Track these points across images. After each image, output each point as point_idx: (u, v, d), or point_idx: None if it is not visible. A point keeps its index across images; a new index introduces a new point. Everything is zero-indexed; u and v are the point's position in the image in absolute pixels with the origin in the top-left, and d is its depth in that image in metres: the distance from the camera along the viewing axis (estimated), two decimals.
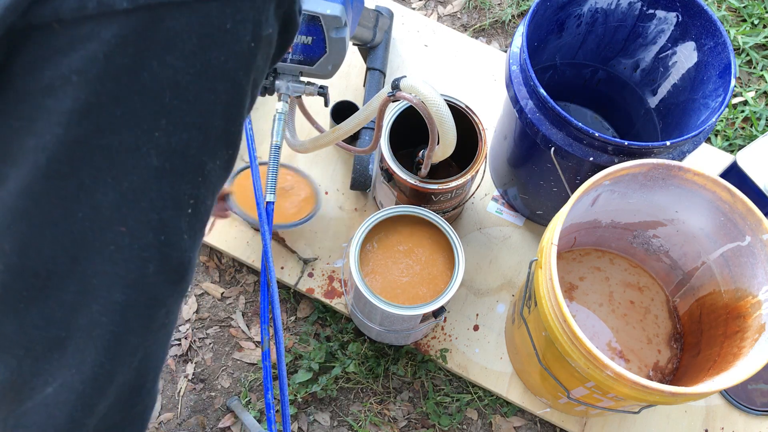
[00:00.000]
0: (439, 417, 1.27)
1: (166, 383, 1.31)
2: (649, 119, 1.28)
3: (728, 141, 1.53)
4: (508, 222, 1.39)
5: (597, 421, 1.25)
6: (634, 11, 1.15)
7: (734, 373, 0.88)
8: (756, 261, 0.97)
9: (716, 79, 1.05)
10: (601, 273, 1.29)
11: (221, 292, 1.38)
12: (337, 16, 0.96)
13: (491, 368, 1.28)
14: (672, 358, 1.24)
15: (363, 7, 1.17)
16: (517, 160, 1.22)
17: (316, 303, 1.34)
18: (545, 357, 1.04)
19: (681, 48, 1.13)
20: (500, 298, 1.33)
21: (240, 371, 1.32)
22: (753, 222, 0.96)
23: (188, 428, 1.28)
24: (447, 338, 1.30)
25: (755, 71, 1.63)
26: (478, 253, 1.36)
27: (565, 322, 0.88)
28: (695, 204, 1.03)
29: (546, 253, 0.92)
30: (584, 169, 1.05)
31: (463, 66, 1.52)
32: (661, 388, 0.83)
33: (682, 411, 1.26)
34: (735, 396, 1.26)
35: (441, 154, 1.04)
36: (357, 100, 1.42)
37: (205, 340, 1.35)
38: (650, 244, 1.22)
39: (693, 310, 1.20)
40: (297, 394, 1.27)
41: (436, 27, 1.57)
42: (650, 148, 0.97)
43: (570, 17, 1.17)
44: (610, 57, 1.27)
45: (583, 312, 1.26)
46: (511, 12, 1.67)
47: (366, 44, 1.36)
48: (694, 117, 1.09)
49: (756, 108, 1.57)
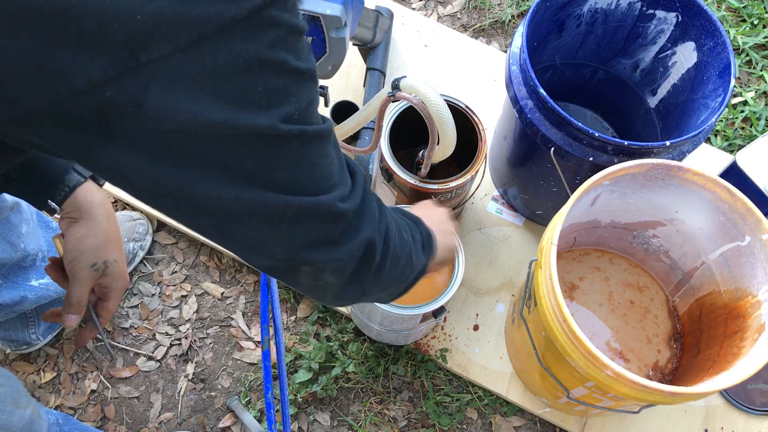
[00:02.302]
0: (439, 417, 1.27)
1: (166, 383, 1.32)
2: (648, 119, 1.28)
3: (728, 141, 1.53)
4: (508, 222, 1.39)
5: (597, 421, 1.25)
6: (633, 11, 1.15)
7: (734, 372, 0.88)
8: (755, 261, 0.97)
9: (716, 79, 1.05)
10: (600, 273, 1.29)
11: (221, 291, 1.38)
12: (337, 16, 0.96)
13: (491, 368, 1.28)
14: (672, 358, 1.24)
15: (363, 7, 1.17)
16: (517, 160, 1.22)
17: (316, 303, 1.34)
18: (545, 357, 1.04)
19: (681, 48, 1.13)
20: (500, 298, 1.33)
21: (240, 371, 1.32)
22: (753, 222, 0.96)
23: (188, 428, 1.28)
24: (447, 338, 1.30)
25: (755, 71, 1.63)
26: (478, 253, 1.36)
27: (564, 322, 0.88)
28: (695, 204, 1.03)
29: (546, 253, 0.92)
30: (584, 169, 1.05)
31: (463, 66, 1.52)
32: (661, 388, 0.83)
33: (681, 411, 1.26)
34: (735, 396, 1.26)
35: (441, 154, 1.04)
36: (357, 100, 1.42)
37: (206, 339, 1.35)
38: (650, 244, 1.22)
39: (693, 310, 1.20)
40: (297, 393, 1.27)
41: (436, 27, 1.57)
42: (650, 148, 0.97)
43: (570, 17, 1.17)
44: (609, 57, 1.27)
45: (582, 312, 1.26)
46: (511, 12, 1.67)
47: (366, 44, 1.36)
48: (694, 117, 1.09)
49: (756, 108, 1.57)
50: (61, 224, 0.81)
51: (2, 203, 1.00)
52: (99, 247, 0.79)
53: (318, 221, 0.52)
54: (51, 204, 0.79)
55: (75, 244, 0.78)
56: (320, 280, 0.58)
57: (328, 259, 0.55)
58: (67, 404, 1.29)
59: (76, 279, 0.78)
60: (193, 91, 0.41)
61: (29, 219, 1.09)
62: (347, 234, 0.56)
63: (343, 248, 0.56)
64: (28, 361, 1.32)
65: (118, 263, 0.81)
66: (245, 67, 0.42)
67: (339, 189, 0.54)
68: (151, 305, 1.37)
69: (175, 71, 0.40)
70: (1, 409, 0.84)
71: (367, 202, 0.58)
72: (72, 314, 0.78)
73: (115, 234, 0.82)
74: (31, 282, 1.13)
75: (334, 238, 0.55)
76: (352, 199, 0.55)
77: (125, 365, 1.33)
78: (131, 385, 1.31)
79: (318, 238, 0.54)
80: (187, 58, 0.40)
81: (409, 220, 0.74)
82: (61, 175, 0.79)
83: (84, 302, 0.79)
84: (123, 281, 0.82)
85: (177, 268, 1.40)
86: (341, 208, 0.54)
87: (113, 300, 0.82)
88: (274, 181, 0.48)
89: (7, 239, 1.04)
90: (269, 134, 0.45)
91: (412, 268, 0.70)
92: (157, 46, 0.38)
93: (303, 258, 0.54)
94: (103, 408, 1.29)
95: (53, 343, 1.33)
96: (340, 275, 0.58)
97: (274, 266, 0.56)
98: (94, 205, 0.81)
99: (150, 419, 1.28)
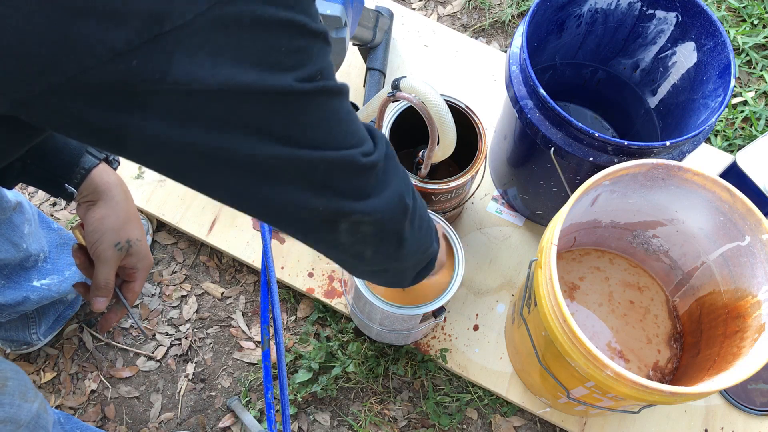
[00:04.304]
0: (439, 417, 1.27)
1: (166, 383, 1.32)
2: (648, 119, 1.28)
3: (728, 141, 1.53)
4: (508, 222, 1.39)
5: (597, 421, 1.25)
6: (633, 11, 1.15)
7: (734, 372, 0.88)
8: (755, 261, 0.97)
9: (716, 80, 1.05)
10: (600, 273, 1.29)
11: (221, 291, 1.38)
12: (337, 16, 0.96)
13: (491, 368, 1.28)
14: (672, 357, 1.24)
15: (363, 7, 1.17)
16: (517, 160, 1.22)
17: (316, 303, 1.34)
18: (545, 357, 1.04)
19: (681, 48, 1.13)
20: (500, 298, 1.33)
21: (240, 371, 1.32)
22: (753, 222, 0.96)
23: (188, 428, 1.28)
24: (447, 338, 1.30)
25: (755, 71, 1.63)
26: (478, 253, 1.36)
27: (564, 322, 0.88)
28: (695, 204, 1.03)
29: (546, 253, 0.92)
30: (584, 169, 1.05)
31: (463, 66, 1.53)
32: (661, 388, 0.83)
33: (681, 411, 1.26)
34: (735, 396, 1.26)
35: (441, 154, 1.04)
36: (357, 100, 1.42)
37: (206, 339, 1.35)
38: (650, 244, 1.22)
39: (693, 310, 1.20)
40: (297, 394, 1.27)
41: (436, 27, 1.57)
42: (650, 148, 0.97)
43: (570, 17, 1.17)
44: (609, 57, 1.27)
45: (582, 312, 1.26)
46: (511, 12, 1.67)
47: (366, 44, 1.36)
48: (694, 117, 1.10)
49: (756, 108, 1.57)
50: (79, 211, 0.81)
51: (5, 203, 1.00)
52: (120, 227, 0.79)
53: (351, 173, 0.54)
54: (68, 188, 0.79)
55: (96, 225, 0.78)
56: (359, 234, 0.59)
57: (368, 209, 0.57)
58: (67, 404, 1.29)
59: (101, 260, 0.77)
60: (217, 55, 0.41)
61: (31, 219, 1.09)
62: (379, 186, 0.58)
63: (380, 198, 0.58)
64: (28, 361, 1.32)
65: (140, 242, 0.81)
66: (266, 29, 0.43)
67: (365, 145, 0.55)
68: (151, 305, 1.37)
69: (199, 37, 0.40)
70: (9, 402, 0.84)
71: (390, 158, 0.60)
72: (100, 297, 0.78)
73: (134, 213, 0.82)
74: (33, 282, 1.13)
75: (368, 191, 0.57)
76: (377, 153, 0.57)
77: (125, 365, 1.33)
78: (131, 385, 1.31)
79: (354, 190, 0.55)
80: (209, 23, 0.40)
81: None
82: (76, 158, 0.79)
83: (111, 284, 0.78)
84: (148, 260, 0.82)
85: (177, 268, 1.40)
86: (370, 160, 0.55)
87: (139, 281, 0.82)
88: (305, 138, 0.49)
89: (9, 239, 1.04)
90: (297, 92, 0.46)
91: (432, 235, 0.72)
92: (179, 12, 0.39)
93: (343, 209, 0.55)
94: (103, 408, 1.29)
95: (53, 343, 1.33)
96: (378, 227, 0.59)
97: (312, 225, 0.57)
98: (111, 185, 0.81)
99: (150, 419, 1.29)
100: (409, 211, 0.63)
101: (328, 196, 0.54)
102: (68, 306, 1.29)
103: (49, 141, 0.78)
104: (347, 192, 0.55)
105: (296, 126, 0.48)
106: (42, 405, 0.91)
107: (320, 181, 0.52)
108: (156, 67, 0.40)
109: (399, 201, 0.61)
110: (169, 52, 0.40)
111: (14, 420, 0.85)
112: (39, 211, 1.17)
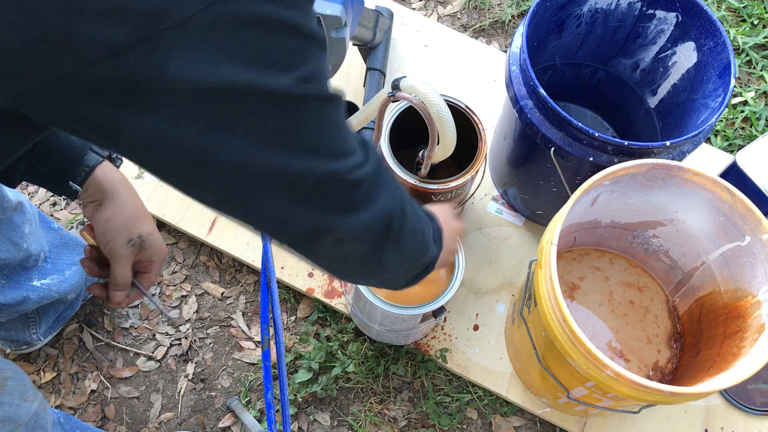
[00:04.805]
0: (439, 417, 1.27)
1: (166, 383, 1.32)
2: (648, 119, 1.28)
3: (728, 141, 1.53)
4: (508, 222, 1.39)
5: (597, 421, 1.25)
6: (633, 11, 1.15)
7: (734, 372, 0.88)
8: (755, 261, 0.97)
9: (716, 80, 1.06)
10: (600, 273, 1.29)
11: (221, 291, 1.38)
12: (337, 16, 0.96)
13: (491, 368, 1.28)
14: (672, 357, 1.24)
15: (363, 7, 1.17)
16: (517, 160, 1.22)
17: (316, 303, 1.34)
18: (545, 357, 1.04)
19: (681, 48, 1.13)
20: (500, 298, 1.33)
21: (240, 371, 1.32)
22: (753, 222, 0.96)
23: (188, 428, 1.28)
24: (447, 338, 1.30)
25: (755, 71, 1.63)
26: (478, 253, 1.36)
27: (565, 322, 0.88)
28: (695, 204, 1.03)
29: (546, 253, 0.92)
30: (584, 169, 1.05)
31: (463, 66, 1.53)
32: (661, 388, 0.83)
33: (681, 411, 1.26)
34: (735, 396, 1.26)
35: (441, 154, 1.04)
36: (357, 100, 1.42)
37: (206, 339, 1.35)
38: (650, 244, 1.22)
39: (693, 310, 1.20)
40: (297, 394, 1.27)
41: (436, 27, 1.57)
42: (650, 148, 0.97)
43: (570, 17, 1.17)
44: (609, 57, 1.27)
45: (583, 312, 1.26)
46: (511, 12, 1.67)
47: (366, 44, 1.36)
48: (694, 117, 1.10)
49: (756, 108, 1.57)
50: (85, 212, 0.81)
51: (6, 203, 1.01)
52: (130, 224, 0.79)
53: (338, 188, 0.54)
54: (72, 186, 0.79)
55: (105, 225, 0.79)
56: (342, 250, 0.58)
57: (350, 226, 0.56)
58: (67, 404, 1.29)
59: (116, 258, 0.78)
60: (215, 53, 0.41)
61: (32, 219, 1.09)
62: (367, 201, 0.57)
63: (364, 215, 0.57)
64: (28, 361, 1.32)
65: (152, 236, 0.81)
66: (264, 28, 0.43)
67: (355, 156, 0.55)
68: (151, 305, 1.37)
69: (196, 34, 0.40)
70: (8, 402, 0.84)
71: (381, 172, 0.59)
72: (119, 291, 0.79)
73: (142, 208, 0.82)
74: (34, 282, 1.13)
75: (355, 206, 0.56)
76: (368, 167, 0.56)
77: (125, 365, 1.33)
78: (131, 385, 1.31)
79: (339, 205, 0.55)
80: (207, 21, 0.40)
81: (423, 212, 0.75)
82: (80, 156, 0.79)
83: (129, 280, 0.80)
84: (162, 252, 0.83)
85: (177, 268, 1.40)
86: (360, 174, 0.54)
87: (154, 272, 0.83)
88: (296, 145, 0.49)
89: (10, 239, 1.04)
90: (291, 94, 0.46)
91: (426, 247, 0.71)
92: (178, 10, 0.39)
93: (326, 225, 0.55)
94: (103, 408, 1.29)
95: (53, 343, 1.33)
96: (362, 244, 0.59)
97: (297, 237, 0.57)
98: (115, 183, 0.81)
99: (150, 419, 1.29)
100: (393, 231, 0.61)
101: (312, 210, 0.53)
102: (68, 306, 1.29)
103: (52, 140, 0.78)
104: (334, 205, 0.54)
105: (290, 128, 0.48)
106: (41, 405, 0.91)
107: (309, 193, 0.52)
108: (154, 65, 0.40)
109: (385, 219, 0.59)
110: (167, 49, 0.40)
111: (13, 419, 0.85)
112: (39, 211, 1.18)
